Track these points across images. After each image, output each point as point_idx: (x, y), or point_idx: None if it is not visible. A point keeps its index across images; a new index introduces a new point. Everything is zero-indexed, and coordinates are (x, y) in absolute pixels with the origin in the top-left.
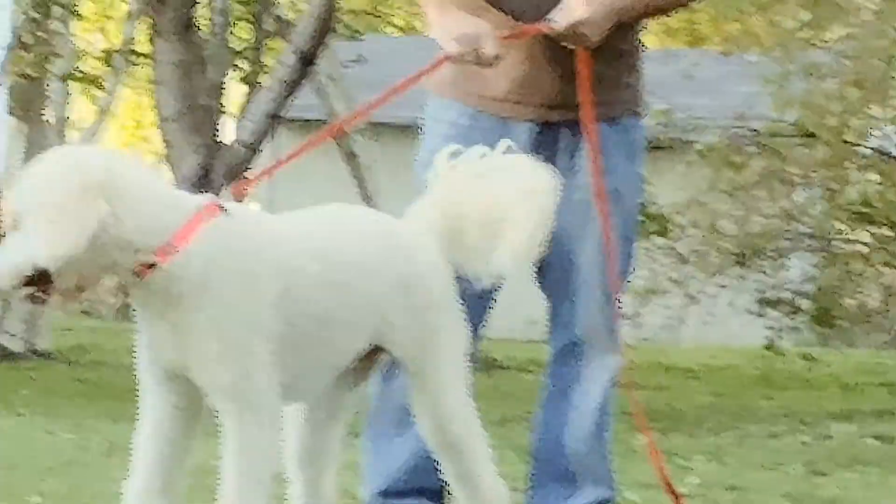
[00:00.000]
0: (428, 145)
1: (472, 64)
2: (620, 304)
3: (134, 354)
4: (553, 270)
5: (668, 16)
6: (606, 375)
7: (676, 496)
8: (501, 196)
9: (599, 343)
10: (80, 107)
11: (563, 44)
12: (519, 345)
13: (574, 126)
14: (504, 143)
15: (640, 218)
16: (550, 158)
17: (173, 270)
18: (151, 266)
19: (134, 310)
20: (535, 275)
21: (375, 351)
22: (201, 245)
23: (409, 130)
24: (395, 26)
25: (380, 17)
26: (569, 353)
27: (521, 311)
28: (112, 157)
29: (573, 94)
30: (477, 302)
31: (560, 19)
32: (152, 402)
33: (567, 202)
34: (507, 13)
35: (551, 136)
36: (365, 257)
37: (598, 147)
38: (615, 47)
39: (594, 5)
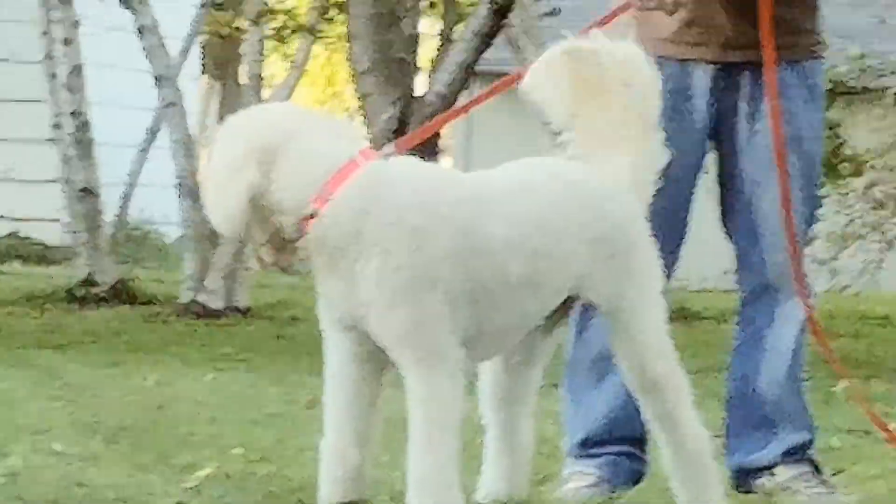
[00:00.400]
0: None
1: (654, 9)
2: (803, 250)
3: None
4: (738, 216)
5: None
6: (798, 318)
7: (888, 433)
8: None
9: (788, 286)
10: (274, 64)
11: None
12: (716, 295)
13: (756, 68)
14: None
15: (835, 161)
16: (732, 102)
17: (327, 220)
18: (312, 217)
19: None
20: (721, 221)
21: (570, 299)
22: (350, 194)
23: None
24: None
25: None
26: (758, 297)
27: (718, 263)
28: (286, 117)
29: (754, 34)
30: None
31: None
32: (336, 355)
33: (749, 147)
34: None
35: (733, 79)
36: (555, 219)
37: (776, 91)
38: None
39: None
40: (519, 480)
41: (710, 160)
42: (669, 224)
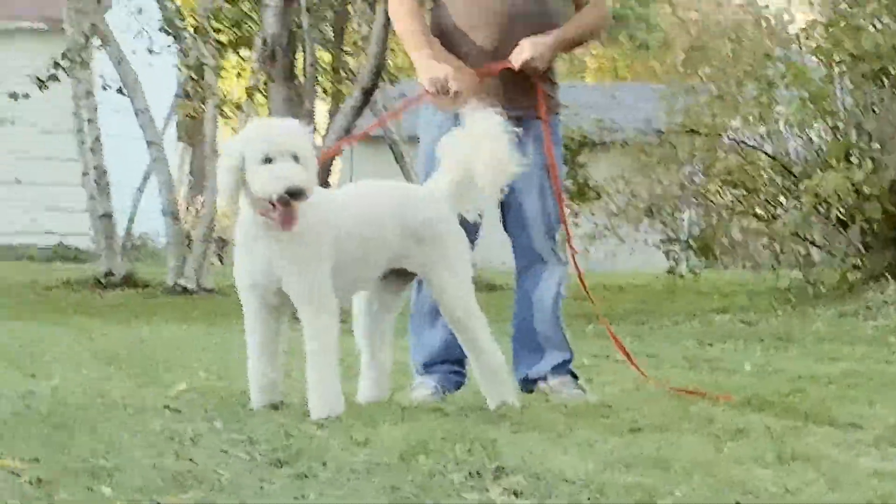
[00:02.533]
0: (425, 142)
1: (441, 97)
2: (556, 232)
3: None
4: (511, 215)
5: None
6: (555, 278)
7: (626, 352)
8: (475, 151)
9: (547, 258)
10: (226, 133)
11: (523, 71)
12: (511, 272)
13: (517, 120)
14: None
15: (585, 188)
16: None
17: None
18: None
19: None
20: (501, 221)
21: (405, 272)
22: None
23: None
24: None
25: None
26: (527, 268)
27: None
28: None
29: (518, 101)
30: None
31: (515, 59)
32: (251, 307)
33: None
34: (461, 57)
35: None
36: (379, 217)
37: (549, 134)
38: (546, 74)
39: (537, 46)
40: (383, 388)
41: None
42: (464, 224)
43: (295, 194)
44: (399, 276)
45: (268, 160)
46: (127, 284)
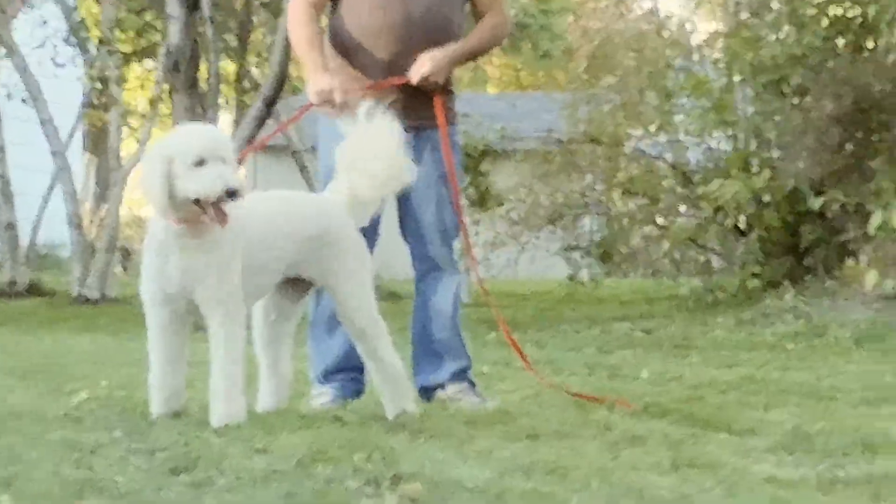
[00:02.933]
0: (323, 152)
1: (327, 109)
2: (452, 241)
3: None
4: (409, 225)
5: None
6: (453, 286)
7: (523, 356)
8: (369, 156)
9: (444, 266)
10: (129, 143)
11: (421, 87)
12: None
13: (417, 130)
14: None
15: (486, 196)
16: None
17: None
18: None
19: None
20: (400, 229)
21: (304, 281)
22: None
23: None
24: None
25: None
26: (425, 275)
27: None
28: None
29: (416, 112)
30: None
31: (413, 73)
32: (156, 319)
33: (415, 181)
34: (359, 69)
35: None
36: (287, 224)
37: (448, 144)
38: (444, 85)
39: (436, 60)
40: (282, 397)
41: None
42: (365, 232)
43: (232, 194)
44: (298, 285)
45: (200, 163)
46: (31, 294)
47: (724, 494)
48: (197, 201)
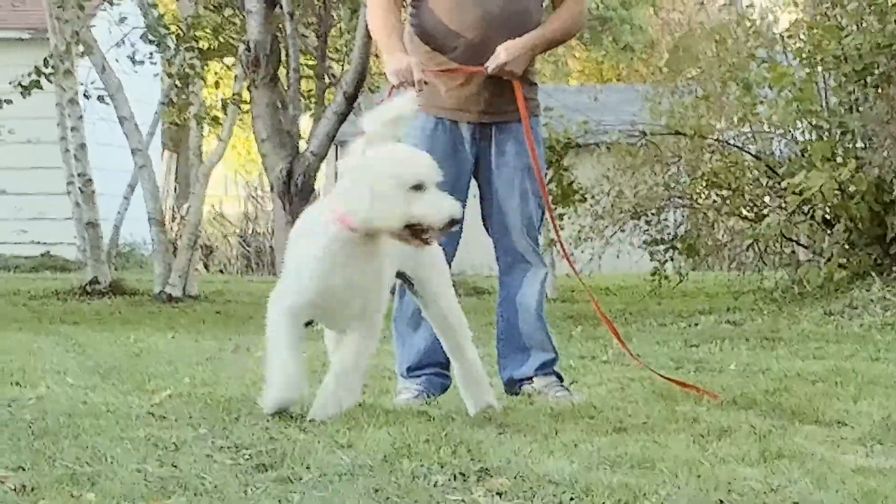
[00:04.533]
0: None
1: (409, 87)
2: (539, 232)
3: (251, 297)
4: (493, 218)
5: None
6: (538, 279)
7: (620, 339)
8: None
9: (530, 259)
10: (210, 140)
11: (501, 77)
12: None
13: (500, 125)
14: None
15: (570, 191)
16: (486, 147)
17: None
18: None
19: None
20: (483, 224)
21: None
22: None
23: None
24: None
25: None
26: (510, 268)
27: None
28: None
29: (499, 105)
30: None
31: (491, 64)
32: (289, 330)
33: (499, 174)
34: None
35: (486, 133)
36: None
37: (531, 135)
38: (525, 76)
39: (511, 50)
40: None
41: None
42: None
43: (454, 223)
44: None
45: (418, 187)
46: (113, 292)
47: (813, 485)
48: (411, 224)
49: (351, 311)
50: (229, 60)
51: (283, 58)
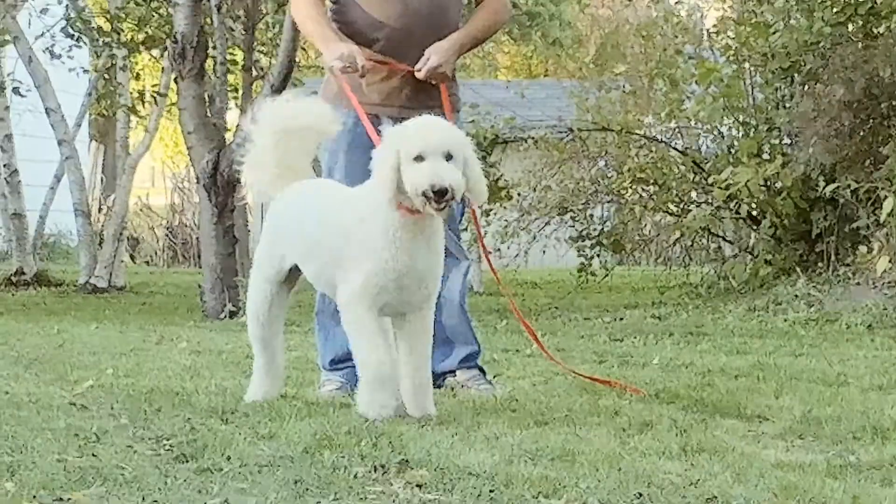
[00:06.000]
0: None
1: (351, 73)
2: (463, 226)
3: (177, 288)
4: None
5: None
6: (461, 272)
7: (536, 338)
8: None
9: (450, 253)
10: (138, 132)
11: (428, 80)
12: None
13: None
14: None
15: (496, 187)
16: None
17: None
18: None
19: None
20: None
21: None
22: None
23: None
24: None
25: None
26: None
27: None
28: None
29: (420, 99)
30: None
31: (422, 67)
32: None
33: None
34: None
35: None
36: None
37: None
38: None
39: (442, 52)
40: (278, 386)
41: None
42: None
43: (440, 193)
44: (291, 276)
45: (418, 158)
46: (39, 283)
47: (732, 479)
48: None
49: (420, 295)
50: (157, 52)
51: (210, 50)
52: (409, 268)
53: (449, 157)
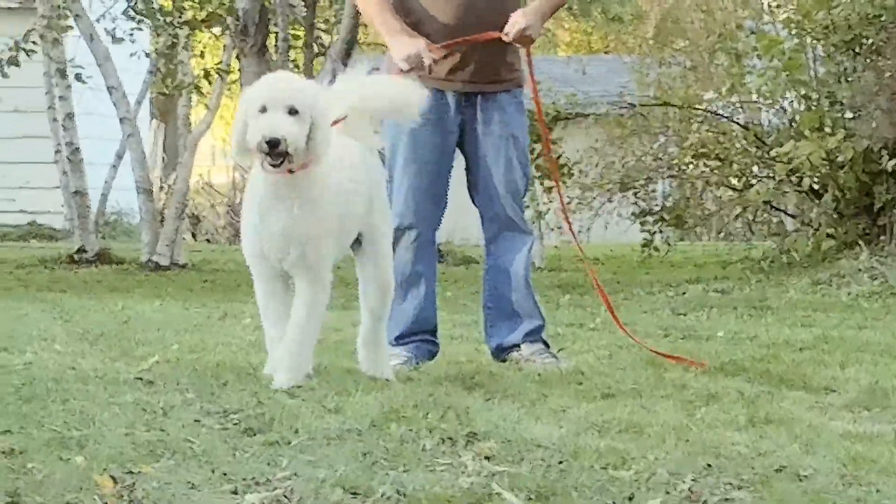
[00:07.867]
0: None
1: (418, 73)
2: (523, 199)
3: (238, 265)
4: (479, 187)
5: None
6: (525, 246)
7: (614, 314)
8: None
9: (515, 227)
10: (199, 110)
11: (515, 44)
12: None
13: (485, 95)
14: None
15: (558, 163)
16: (472, 116)
17: None
18: None
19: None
20: (469, 193)
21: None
22: None
23: None
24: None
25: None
26: (496, 236)
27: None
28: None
29: (482, 74)
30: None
31: (510, 30)
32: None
33: (485, 143)
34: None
35: (472, 102)
36: (360, 183)
37: (537, 90)
38: (513, 47)
39: (530, 16)
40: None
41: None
42: (432, 198)
43: (272, 144)
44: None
45: (263, 110)
46: (101, 261)
47: (801, 450)
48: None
49: (298, 261)
50: (217, 31)
51: (272, 27)
52: (270, 232)
53: (294, 112)
